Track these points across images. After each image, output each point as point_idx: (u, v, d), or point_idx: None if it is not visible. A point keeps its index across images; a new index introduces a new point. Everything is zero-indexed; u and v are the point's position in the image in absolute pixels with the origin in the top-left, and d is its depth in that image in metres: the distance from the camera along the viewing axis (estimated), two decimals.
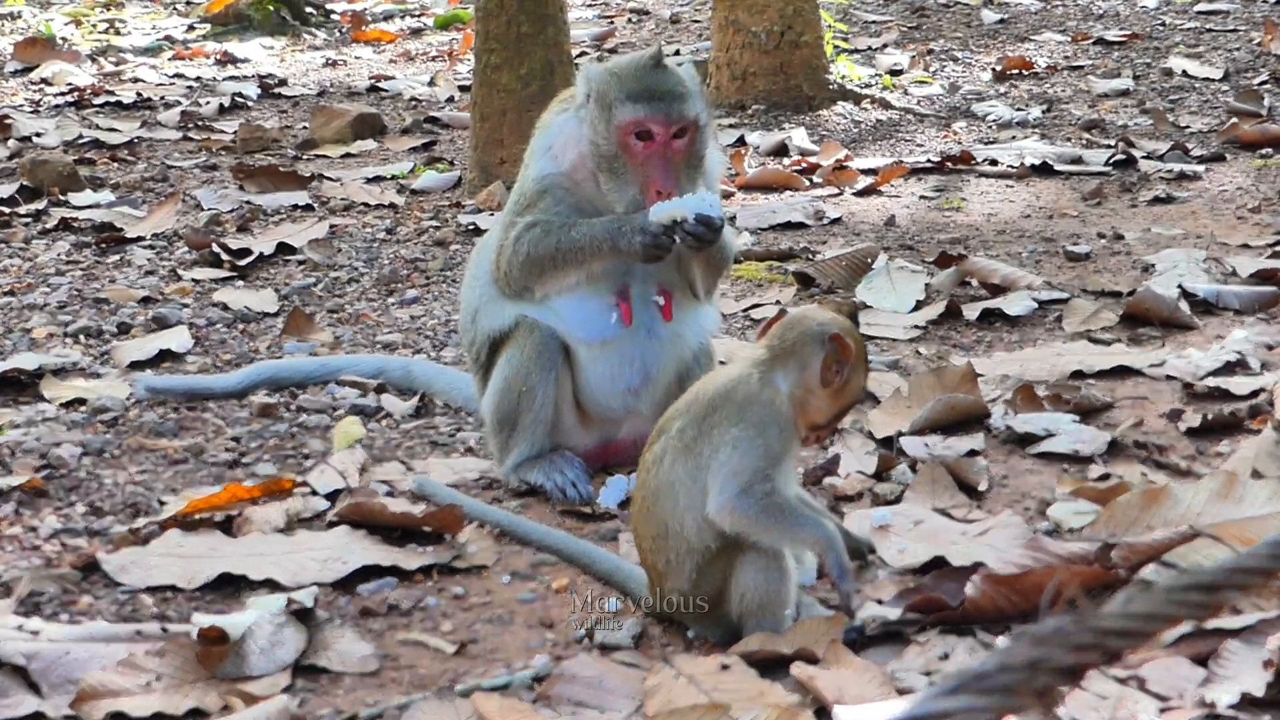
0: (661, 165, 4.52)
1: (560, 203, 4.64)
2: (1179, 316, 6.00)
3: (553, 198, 4.64)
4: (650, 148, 4.53)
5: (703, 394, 3.72)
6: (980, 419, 5.04)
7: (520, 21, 8.00)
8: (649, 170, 4.52)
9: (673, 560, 3.65)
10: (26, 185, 8.45)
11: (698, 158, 4.62)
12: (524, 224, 4.61)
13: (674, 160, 4.54)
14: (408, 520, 4.28)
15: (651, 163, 4.53)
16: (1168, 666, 3.35)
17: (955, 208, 8.03)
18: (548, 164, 4.66)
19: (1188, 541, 3.88)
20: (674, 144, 4.54)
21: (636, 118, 4.51)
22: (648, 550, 3.71)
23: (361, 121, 10.26)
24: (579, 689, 3.45)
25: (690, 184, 4.56)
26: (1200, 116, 9.98)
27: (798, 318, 3.78)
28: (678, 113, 4.53)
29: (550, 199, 4.64)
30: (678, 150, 4.55)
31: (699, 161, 4.63)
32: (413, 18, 16.38)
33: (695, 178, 4.60)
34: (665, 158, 4.53)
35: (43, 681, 3.51)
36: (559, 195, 4.64)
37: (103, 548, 4.22)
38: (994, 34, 13.32)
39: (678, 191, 4.49)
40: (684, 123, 4.54)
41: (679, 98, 4.56)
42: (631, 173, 4.55)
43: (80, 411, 5.31)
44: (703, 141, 4.63)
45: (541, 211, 4.63)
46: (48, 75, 12.63)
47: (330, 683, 3.61)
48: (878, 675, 3.44)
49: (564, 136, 4.66)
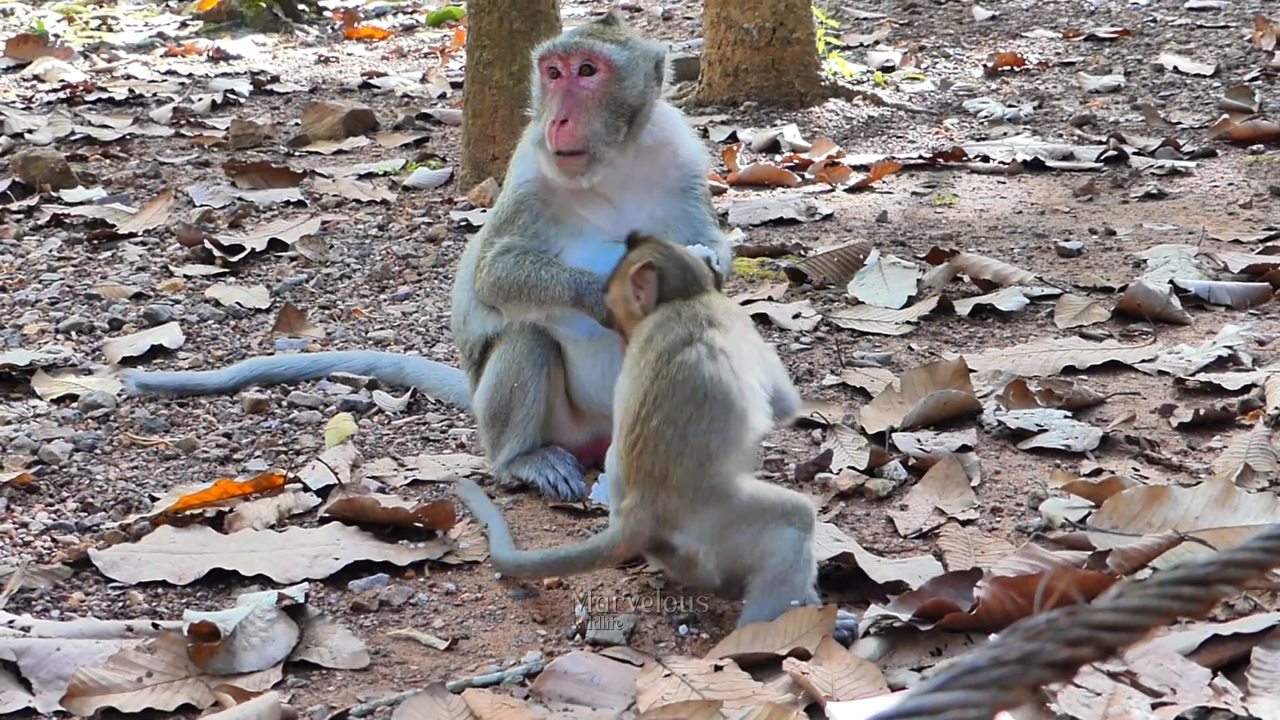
0: (561, 98, 4.46)
1: (537, 217, 4.57)
2: (1171, 312, 6.01)
3: (529, 213, 4.57)
4: (559, 83, 4.49)
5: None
6: (972, 414, 5.04)
7: (512, 18, 8.00)
8: (553, 103, 4.48)
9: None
10: (19, 182, 8.44)
11: (622, 106, 4.50)
12: (500, 246, 4.56)
13: (579, 97, 4.46)
14: (400, 516, 4.27)
15: (555, 96, 4.48)
16: (1160, 661, 3.35)
17: (947, 204, 8.03)
18: (524, 168, 4.62)
19: (1174, 546, 3.88)
20: (579, 80, 4.48)
21: (544, 52, 4.51)
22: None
23: (354, 118, 10.26)
24: (571, 685, 3.45)
25: (611, 132, 4.48)
26: (1191, 113, 9.98)
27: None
28: (580, 46, 4.49)
29: (527, 214, 4.57)
30: (585, 89, 4.47)
31: (627, 112, 4.51)
32: (405, 14, 16.36)
33: (618, 125, 4.49)
34: (569, 92, 4.47)
35: (33, 678, 3.50)
36: (535, 209, 4.57)
37: (94, 544, 4.21)
38: (985, 30, 13.32)
39: (575, 121, 4.41)
40: (586, 55, 4.48)
41: (592, 35, 4.53)
42: (546, 112, 4.50)
43: (72, 408, 5.30)
44: (625, 91, 4.50)
45: (518, 230, 4.57)
46: (40, 72, 12.62)
47: (321, 679, 3.61)
48: (870, 671, 3.44)
49: (538, 139, 4.64)
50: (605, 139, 4.46)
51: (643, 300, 4.00)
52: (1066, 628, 1.54)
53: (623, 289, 4.05)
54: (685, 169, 4.66)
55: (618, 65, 4.50)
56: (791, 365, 5.64)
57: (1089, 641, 1.54)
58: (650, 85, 4.56)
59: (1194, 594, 1.60)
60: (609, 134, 4.47)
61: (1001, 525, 4.31)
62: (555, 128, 4.43)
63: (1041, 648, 1.52)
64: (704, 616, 3.83)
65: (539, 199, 4.58)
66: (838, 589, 3.92)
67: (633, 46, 4.57)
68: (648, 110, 4.56)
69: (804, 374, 5.56)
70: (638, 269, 4.00)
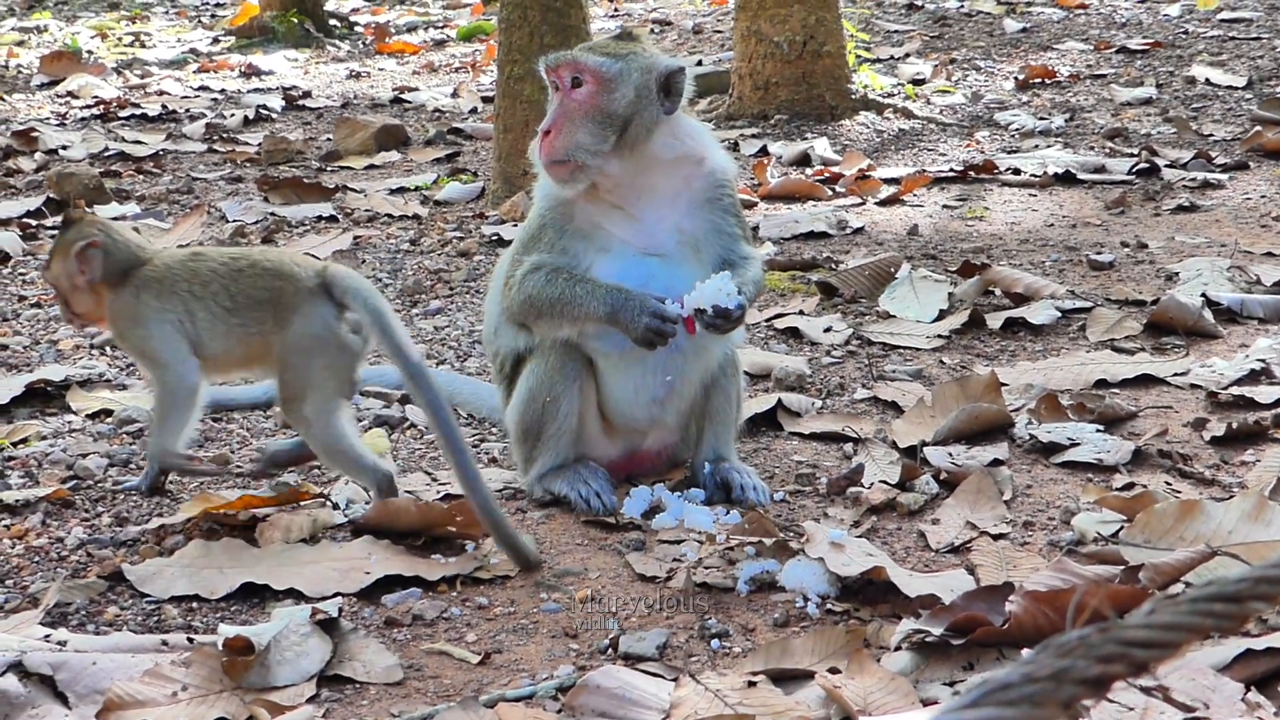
0: (554, 110, 4.54)
1: (563, 233, 4.58)
2: (1203, 325, 5.99)
3: (554, 229, 4.59)
4: (557, 96, 4.56)
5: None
6: (1004, 428, 5.04)
7: (543, 33, 8.02)
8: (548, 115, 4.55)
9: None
10: (53, 198, 8.49)
11: (611, 117, 4.52)
12: (529, 264, 4.58)
13: (569, 108, 4.52)
14: (434, 516, 4.29)
15: (550, 109, 4.56)
16: (1193, 676, 3.34)
17: (978, 217, 8.02)
18: (548, 185, 4.65)
19: (1207, 560, 3.87)
20: (571, 92, 4.53)
21: (543, 66, 4.58)
22: None
23: (385, 133, 10.29)
24: (603, 699, 3.45)
25: (598, 142, 4.49)
26: (1223, 125, 9.95)
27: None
28: (566, 59, 4.55)
29: (553, 230, 4.59)
30: (575, 99, 4.52)
31: (617, 123, 4.52)
32: (436, 30, 16.42)
33: (606, 136, 4.50)
34: (561, 104, 4.53)
35: (70, 691, 3.52)
36: (560, 225, 4.59)
37: (128, 558, 4.24)
38: (1016, 43, 13.30)
39: (557, 132, 4.47)
40: (573, 68, 4.53)
41: (586, 49, 4.59)
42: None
43: (106, 423, 5.33)
44: (614, 103, 4.51)
45: (545, 248, 4.58)
46: (74, 88, 12.70)
47: (355, 693, 3.62)
48: (902, 685, 3.44)
49: None
50: (590, 148, 4.50)
51: (88, 275, 4.50)
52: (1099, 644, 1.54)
53: (66, 265, 4.52)
54: (710, 180, 4.66)
55: (605, 77, 4.53)
56: (823, 379, 5.65)
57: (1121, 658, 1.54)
58: (646, 97, 4.56)
59: (1226, 610, 1.61)
60: (595, 143, 4.51)
61: (1033, 539, 4.30)
62: (541, 138, 4.51)
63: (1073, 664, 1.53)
64: (736, 630, 3.84)
65: (563, 215, 4.60)
66: (869, 603, 3.92)
67: (628, 60, 4.57)
68: (644, 121, 4.56)
69: (835, 388, 5.56)
70: (81, 247, 4.48)
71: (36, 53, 15.01)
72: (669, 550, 4.30)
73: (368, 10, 18.77)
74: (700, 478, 4.71)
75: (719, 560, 4.17)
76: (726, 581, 4.06)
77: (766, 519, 4.31)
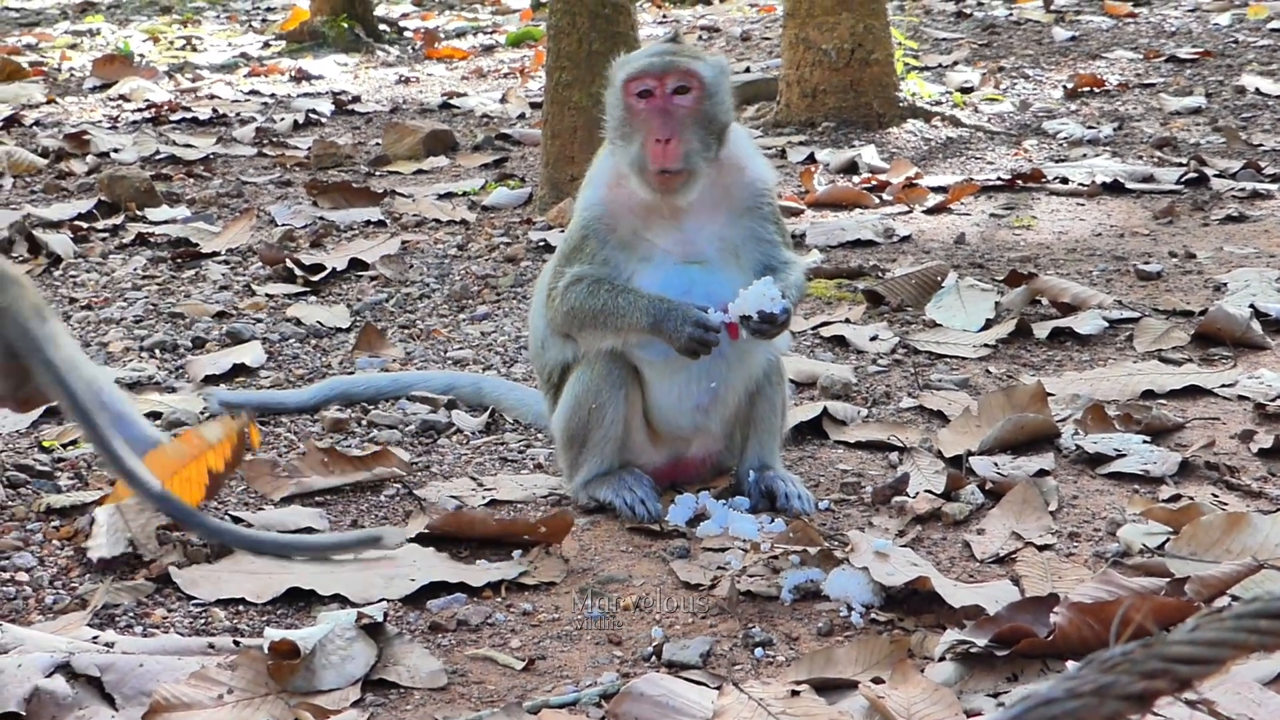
0: (661, 117, 4.50)
1: (605, 244, 4.58)
2: (1251, 336, 5.96)
3: (596, 239, 4.59)
4: (652, 103, 4.52)
5: None
6: (1050, 439, 5.02)
7: (592, 40, 8.04)
8: (650, 123, 4.50)
9: None
10: (104, 201, 8.56)
11: (713, 123, 4.55)
12: (571, 276, 4.58)
13: (677, 114, 4.50)
14: (517, 528, 4.36)
15: (652, 116, 4.51)
16: (1238, 690, 3.33)
17: (1025, 226, 8.00)
18: (589, 195, 4.65)
19: (1253, 574, 3.85)
20: (674, 99, 4.52)
21: (634, 73, 4.53)
22: None
23: (434, 138, 10.33)
24: (646, 707, 3.45)
25: (705, 149, 4.52)
26: (1273, 135, 9.90)
27: None
28: (675, 65, 4.52)
29: (594, 241, 4.59)
30: (680, 106, 4.51)
31: (717, 129, 4.56)
32: (485, 35, 16.47)
33: (710, 143, 4.54)
34: (666, 110, 4.50)
35: (117, 693, 3.54)
36: (601, 236, 4.59)
37: (176, 561, 4.26)
38: (1065, 51, 13.26)
39: (678, 140, 4.45)
40: (682, 74, 4.51)
41: (679, 54, 4.57)
42: (638, 134, 4.53)
43: (155, 425, 5.36)
44: (716, 108, 4.55)
45: (587, 259, 4.58)
46: (126, 91, 12.79)
47: (400, 698, 3.64)
48: (946, 696, 3.44)
49: (602, 166, 4.67)
50: (704, 155, 4.52)
51: None
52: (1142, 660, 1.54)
53: None
54: (751, 188, 4.66)
55: (708, 82, 4.54)
56: (869, 387, 5.64)
57: (1164, 674, 1.54)
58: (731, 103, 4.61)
59: (1271, 627, 1.60)
60: (705, 150, 4.52)
61: (1079, 551, 4.29)
62: (660, 147, 4.45)
63: (1117, 680, 1.53)
64: (780, 639, 3.84)
65: (605, 225, 4.60)
66: (914, 613, 3.92)
67: (720, 65, 4.62)
68: (729, 127, 4.60)
69: (881, 396, 5.55)
70: None
71: (89, 56, 15.12)
72: (713, 558, 4.30)
73: (417, 15, 18.84)
74: (745, 485, 4.71)
75: (763, 568, 4.18)
76: (771, 590, 4.06)
77: (811, 528, 4.31)
